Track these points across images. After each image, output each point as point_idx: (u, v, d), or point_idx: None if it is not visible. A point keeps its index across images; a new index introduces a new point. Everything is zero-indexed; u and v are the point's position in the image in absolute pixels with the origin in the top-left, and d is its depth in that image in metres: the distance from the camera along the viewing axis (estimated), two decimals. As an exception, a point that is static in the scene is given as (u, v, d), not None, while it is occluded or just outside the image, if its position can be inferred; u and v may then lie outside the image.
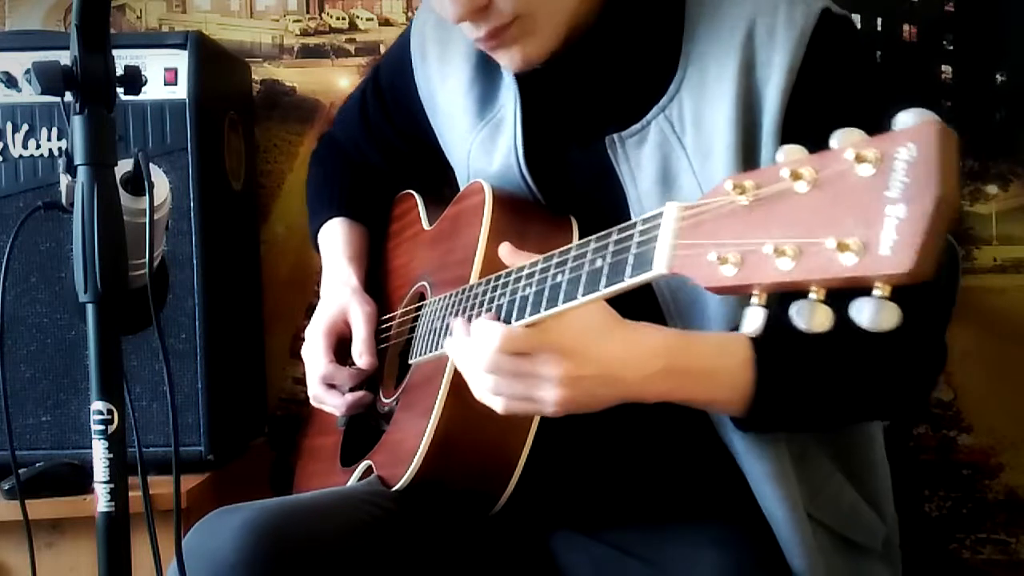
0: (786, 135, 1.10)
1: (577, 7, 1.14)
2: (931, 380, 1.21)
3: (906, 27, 1.79)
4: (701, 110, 1.13)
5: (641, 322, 1.03)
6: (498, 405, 1.02)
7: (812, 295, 0.64)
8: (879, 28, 1.78)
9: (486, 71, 1.29)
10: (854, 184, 0.62)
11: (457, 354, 1.04)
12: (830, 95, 1.10)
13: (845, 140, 0.64)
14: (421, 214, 1.46)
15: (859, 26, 1.73)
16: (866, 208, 0.61)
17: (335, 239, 1.49)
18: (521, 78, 1.23)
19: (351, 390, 1.37)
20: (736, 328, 1.09)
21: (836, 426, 1.19)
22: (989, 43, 1.79)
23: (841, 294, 0.64)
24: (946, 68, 1.79)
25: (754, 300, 0.68)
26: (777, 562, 1.14)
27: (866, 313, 0.61)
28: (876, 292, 0.61)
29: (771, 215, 0.67)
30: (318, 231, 1.52)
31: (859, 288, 0.62)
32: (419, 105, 1.41)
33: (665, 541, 1.17)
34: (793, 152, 0.68)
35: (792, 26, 1.10)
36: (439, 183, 1.53)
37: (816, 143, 1.10)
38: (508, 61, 1.18)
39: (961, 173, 1.81)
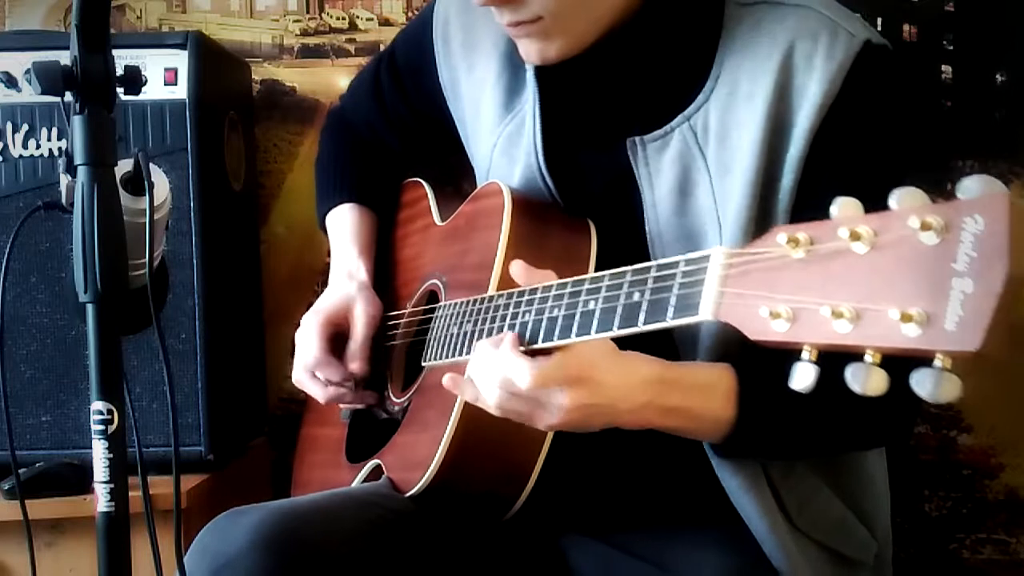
0: (808, 168, 1.09)
1: (606, 15, 1.12)
2: (911, 421, 1.22)
3: (906, 27, 1.79)
4: (727, 125, 1.12)
5: (634, 353, 1.03)
6: (494, 412, 1.02)
7: (868, 359, 0.64)
8: (879, 28, 1.77)
9: (514, 62, 1.27)
10: (918, 252, 0.61)
11: (475, 369, 1.02)
12: (859, 135, 1.09)
13: (906, 202, 0.63)
14: (432, 206, 1.44)
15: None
16: (931, 279, 0.60)
17: (345, 227, 1.48)
18: (542, 75, 1.22)
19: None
20: (733, 356, 1.10)
21: (812, 458, 1.19)
22: (989, 43, 1.79)
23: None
24: (946, 68, 1.79)
25: (805, 356, 0.67)
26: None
27: (927, 385, 0.60)
28: (937, 364, 0.60)
29: (827, 273, 0.66)
30: (326, 213, 1.51)
31: (914, 357, 0.61)
32: (437, 87, 1.39)
33: (670, 543, 1.18)
34: (848, 207, 0.67)
35: (831, 58, 1.08)
36: (451, 168, 1.53)
37: (838, 181, 1.08)
38: (525, 53, 1.16)
39: (960, 173, 1.82)
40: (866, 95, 1.09)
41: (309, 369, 1.35)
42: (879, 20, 1.78)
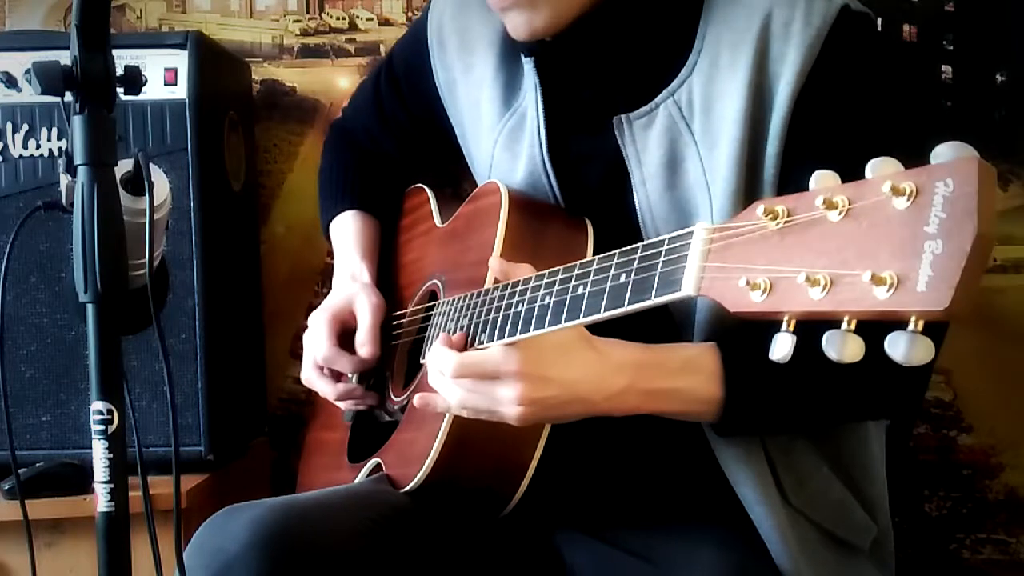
0: (792, 135, 1.10)
1: None
2: (915, 391, 1.21)
3: (906, 27, 1.79)
4: (711, 97, 1.13)
5: (611, 339, 1.04)
6: (462, 413, 1.06)
7: (844, 325, 0.64)
8: (879, 28, 1.77)
9: (510, 59, 1.28)
10: (890, 216, 0.62)
11: (430, 378, 1.07)
12: (839, 101, 1.10)
13: (880, 170, 0.64)
14: (433, 210, 1.45)
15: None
16: (902, 242, 0.61)
17: (348, 234, 1.49)
18: (540, 64, 1.23)
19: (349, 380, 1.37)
20: (715, 336, 1.10)
21: (816, 429, 1.19)
22: (989, 43, 1.79)
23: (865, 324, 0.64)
24: (946, 68, 1.79)
25: (783, 327, 0.68)
26: (773, 562, 1.14)
27: (900, 347, 0.60)
28: (910, 327, 0.60)
29: (803, 243, 0.67)
30: (330, 222, 1.52)
31: (890, 321, 0.61)
32: (434, 91, 1.40)
33: (664, 541, 1.18)
34: (826, 179, 0.67)
35: (809, 24, 1.09)
36: (451, 172, 1.53)
37: (820, 147, 1.09)
38: (513, 27, 1.17)
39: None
40: (845, 61, 1.10)
41: (319, 364, 1.36)
42: (879, 20, 1.78)
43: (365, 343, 1.34)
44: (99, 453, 0.88)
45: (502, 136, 1.29)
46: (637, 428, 1.10)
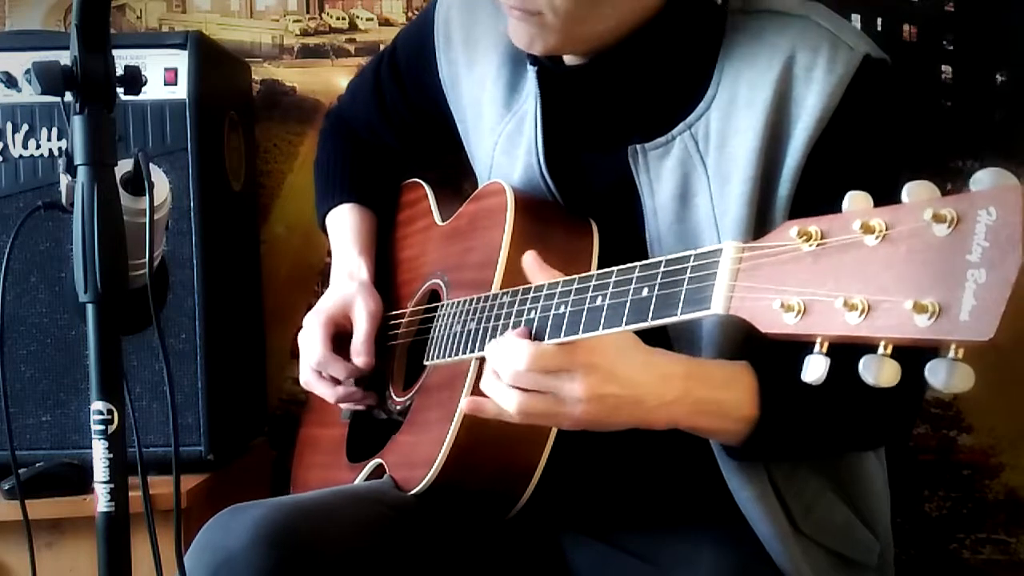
0: (805, 180, 1.09)
1: (608, 31, 1.12)
2: (914, 419, 1.24)
3: (906, 27, 1.79)
4: (727, 133, 1.12)
5: (658, 348, 1.03)
6: (517, 416, 1.02)
7: (880, 350, 0.64)
8: (879, 28, 1.77)
9: (515, 60, 1.28)
10: (931, 243, 0.62)
11: (487, 382, 1.02)
12: (855, 149, 1.09)
13: (917, 194, 0.63)
14: (432, 206, 1.44)
15: (858, 27, 1.73)
16: (944, 270, 0.61)
17: (345, 227, 1.48)
18: (544, 76, 1.22)
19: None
20: (736, 356, 1.10)
21: (823, 457, 1.19)
22: (989, 43, 1.79)
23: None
24: (946, 68, 1.79)
25: (816, 349, 0.68)
26: (774, 563, 1.14)
27: (941, 375, 0.60)
28: (950, 354, 0.60)
29: (839, 266, 0.67)
30: (326, 214, 1.51)
31: (926, 347, 0.61)
32: (438, 85, 1.39)
33: (668, 541, 1.18)
34: (859, 199, 0.67)
35: (831, 71, 1.08)
36: (452, 170, 1.53)
37: (833, 194, 1.08)
38: (513, 33, 1.15)
39: (960, 174, 1.80)
40: (864, 109, 1.10)
41: (315, 368, 1.35)
42: (879, 20, 1.78)
43: (360, 353, 1.34)
44: (99, 453, 0.88)
45: (502, 138, 1.29)
46: (641, 431, 1.10)
